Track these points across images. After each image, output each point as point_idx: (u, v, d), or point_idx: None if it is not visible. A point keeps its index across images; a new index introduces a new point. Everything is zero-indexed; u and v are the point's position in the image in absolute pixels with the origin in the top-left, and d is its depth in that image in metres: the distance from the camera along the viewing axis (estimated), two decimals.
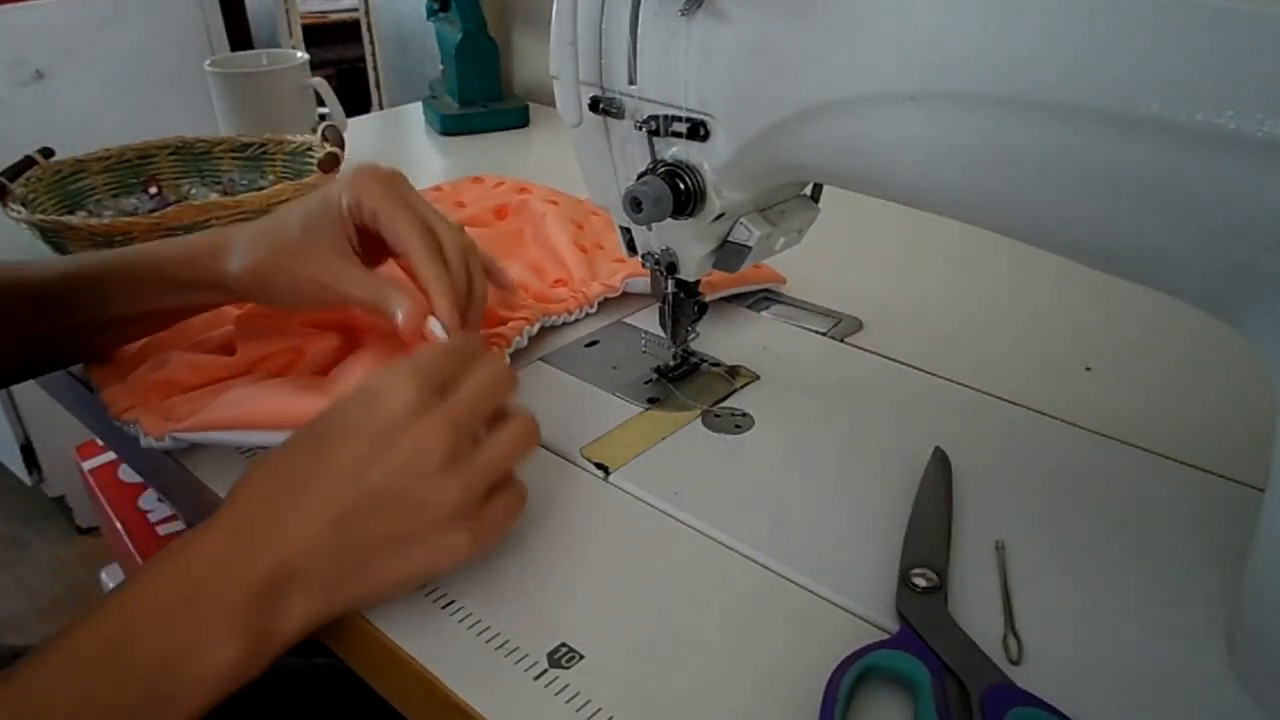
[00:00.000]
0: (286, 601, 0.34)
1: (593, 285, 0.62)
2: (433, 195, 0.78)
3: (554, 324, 0.58)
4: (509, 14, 1.13)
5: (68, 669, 0.31)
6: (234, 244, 0.48)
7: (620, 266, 0.64)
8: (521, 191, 0.77)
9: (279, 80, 0.89)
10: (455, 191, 0.79)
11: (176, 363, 0.50)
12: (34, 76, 1.39)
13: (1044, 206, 0.33)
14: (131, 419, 0.47)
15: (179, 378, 0.50)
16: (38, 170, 0.71)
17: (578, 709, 0.33)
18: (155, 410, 0.48)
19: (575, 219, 0.70)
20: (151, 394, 0.49)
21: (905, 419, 0.49)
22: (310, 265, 0.47)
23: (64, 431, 1.22)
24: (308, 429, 0.37)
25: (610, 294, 0.62)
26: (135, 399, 0.49)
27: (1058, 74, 0.30)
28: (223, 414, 0.46)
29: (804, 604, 0.38)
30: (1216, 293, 0.32)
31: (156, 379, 0.50)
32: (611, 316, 0.60)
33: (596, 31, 0.43)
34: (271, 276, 0.47)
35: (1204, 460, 0.45)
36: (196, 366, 0.50)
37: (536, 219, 0.69)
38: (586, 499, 0.44)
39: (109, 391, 0.50)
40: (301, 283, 0.47)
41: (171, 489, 0.51)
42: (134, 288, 0.49)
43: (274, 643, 0.34)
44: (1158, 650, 0.35)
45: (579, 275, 0.62)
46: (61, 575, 1.55)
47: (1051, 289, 0.64)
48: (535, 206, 0.71)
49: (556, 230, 0.67)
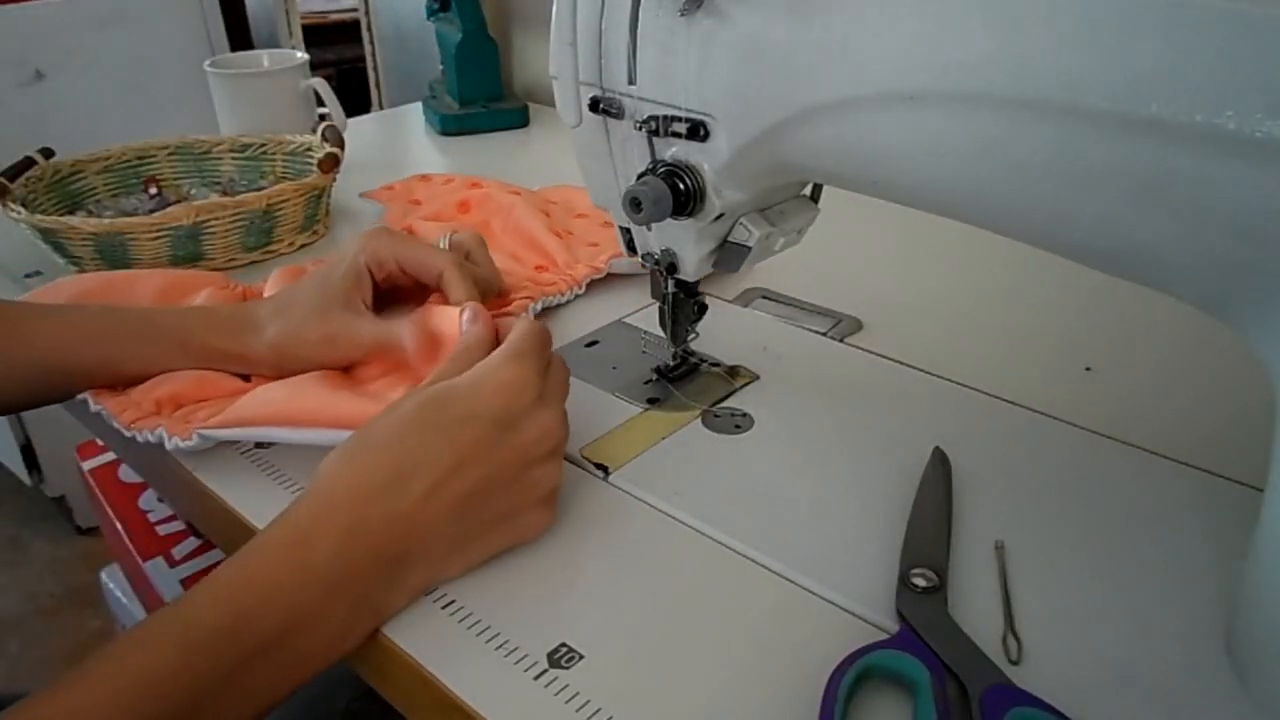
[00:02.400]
0: (402, 577, 0.36)
1: (578, 267, 0.63)
2: (385, 194, 0.78)
3: (551, 304, 0.60)
4: (509, 14, 1.13)
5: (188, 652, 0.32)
6: (258, 319, 0.50)
7: (596, 250, 0.65)
8: (473, 186, 0.77)
9: (279, 80, 0.89)
10: (407, 190, 0.79)
11: (187, 378, 0.49)
12: (34, 76, 1.39)
13: (1044, 207, 0.33)
14: (150, 427, 0.46)
15: (189, 391, 0.49)
16: (38, 170, 0.71)
17: (578, 709, 0.33)
18: (173, 419, 0.47)
19: (540, 208, 0.70)
20: (164, 406, 0.48)
21: (905, 419, 0.49)
22: (321, 328, 0.49)
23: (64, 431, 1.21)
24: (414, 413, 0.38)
25: (596, 275, 0.63)
26: (144, 410, 0.48)
27: (1058, 75, 0.30)
28: (253, 411, 0.45)
29: (804, 604, 0.38)
30: (1216, 293, 0.32)
31: (165, 393, 0.48)
32: (611, 316, 0.60)
33: (596, 32, 0.43)
34: (288, 349, 0.50)
35: (1204, 460, 0.45)
36: (211, 382, 0.49)
37: (504, 210, 0.70)
38: (586, 499, 0.44)
39: (112, 403, 0.48)
40: (314, 347, 0.50)
41: (171, 489, 0.51)
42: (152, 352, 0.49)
43: (383, 615, 0.37)
44: (1158, 650, 0.35)
45: (562, 259, 0.63)
46: (61, 575, 1.55)
47: (1051, 289, 0.64)
48: (500, 198, 0.72)
49: (529, 218, 0.68)
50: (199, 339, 0.49)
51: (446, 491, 0.37)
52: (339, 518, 0.35)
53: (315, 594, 0.34)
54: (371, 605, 0.36)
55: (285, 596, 0.34)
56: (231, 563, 0.34)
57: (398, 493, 0.36)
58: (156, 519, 0.93)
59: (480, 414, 0.38)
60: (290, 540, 0.35)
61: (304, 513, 0.36)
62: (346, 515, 0.35)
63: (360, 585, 0.35)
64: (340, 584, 0.35)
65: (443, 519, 0.37)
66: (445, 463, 0.37)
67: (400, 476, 0.36)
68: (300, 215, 0.70)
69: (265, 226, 0.68)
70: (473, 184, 0.77)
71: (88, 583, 1.49)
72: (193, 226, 0.64)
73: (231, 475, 0.46)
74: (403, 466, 0.36)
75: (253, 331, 0.50)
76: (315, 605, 0.34)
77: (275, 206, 0.67)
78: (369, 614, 0.36)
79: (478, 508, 0.37)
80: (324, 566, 0.34)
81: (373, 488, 0.36)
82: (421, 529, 0.36)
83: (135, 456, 0.57)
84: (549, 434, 0.39)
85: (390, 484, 0.36)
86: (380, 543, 0.35)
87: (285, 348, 0.49)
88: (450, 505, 0.37)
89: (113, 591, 1.06)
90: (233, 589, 0.34)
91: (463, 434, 0.37)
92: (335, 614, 0.35)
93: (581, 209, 0.73)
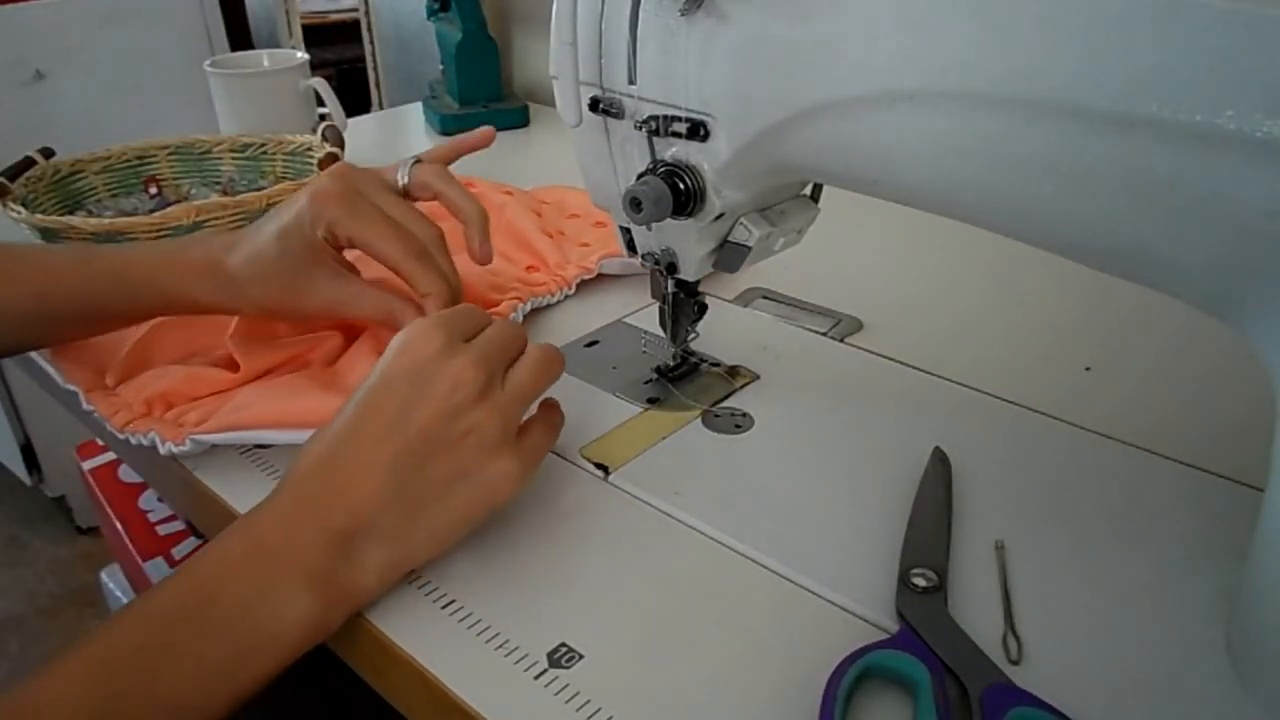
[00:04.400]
0: (357, 553, 0.37)
1: (569, 267, 0.63)
2: None
3: (540, 304, 0.60)
4: (509, 14, 1.13)
5: (146, 629, 0.33)
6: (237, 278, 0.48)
7: (587, 250, 0.65)
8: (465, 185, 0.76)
9: (279, 80, 0.89)
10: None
11: (177, 375, 0.49)
12: (34, 76, 1.39)
13: (1044, 206, 0.33)
14: (142, 430, 0.47)
15: (181, 389, 0.49)
16: (38, 170, 0.71)
17: (578, 709, 0.33)
18: (164, 421, 0.47)
19: (532, 208, 0.70)
20: (155, 406, 0.48)
21: (905, 419, 0.49)
22: (315, 298, 0.49)
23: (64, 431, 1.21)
24: (354, 395, 0.39)
25: (587, 275, 0.63)
26: (136, 412, 0.48)
27: (1058, 74, 0.30)
28: (244, 414, 0.45)
29: (804, 604, 0.38)
30: (1217, 293, 0.32)
31: (156, 392, 0.48)
32: (611, 316, 0.60)
33: (596, 31, 0.43)
34: (277, 312, 0.50)
35: (1204, 460, 0.45)
36: (200, 378, 0.49)
37: (496, 209, 0.70)
38: (586, 499, 0.44)
39: (104, 404, 0.49)
40: (311, 312, 0.50)
41: (171, 489, 0.51)
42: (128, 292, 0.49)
43: (351, 595, 0.37)
44: (1158, 650, 0.35)
45: (553, 259, 0.63)
46: (61, 575, 1.55)
47: (1051, 289, 0.64)
48: (492, 198, 0.72)
49: (521, 218, 0.68)
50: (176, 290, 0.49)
51: (375, 456, 0.37)
52: (284, 494, 0.37)
53: (267, 569, 0.35)
54: (337, 585, 0.36)
55: (238, 571, 0.35)
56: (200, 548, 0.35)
57: (333, 465, 0.37)
58: (156, 519, 0.93)
59: (400, 376, 0.39)
60: (244, 521, 0.37)
61: (267, 497, 0.38)
62: (291, 491, 0.37)
63: (311, 560, 0.36)
64: (290, 559, 0.35)
65: (380, 485, 0.37)
66: (368, 429, 0.38)
67: (334, 449, 0.38)
68: None
69: None
70: (464, 183, 0.77)
71: (88, 583, 1.49)
72: (193, 226, 0.64)
73: (231, 475, 0.46)
74: (339, 439, 0.38)
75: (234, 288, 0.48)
76: (269, 581, 0.35)
77: (275, 206, 0.67)
78: (338, 596, 0.36)
79: (415, 468, 0.37)
80: (272, 540, 0.36)
81: (313, 464, 0.38)
82: (362, 499, 0.37)
83: (135, 456, 0.57)
84: (461, 380, 0.38)
85: (327, 457, 0.38)
86: (324, 516, 0.36)
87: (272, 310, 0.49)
88: (383, 470, 0.37)
89: (113, 591, 1.06)
90: (192, 567, 0.35)
91: (384, 399, 0.38)
92: (294, 592, 0.35)
93: (574, 209, 0.73)
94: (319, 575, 0.36)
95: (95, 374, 0.51)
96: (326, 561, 0.36)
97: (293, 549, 0.36)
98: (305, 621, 0.35)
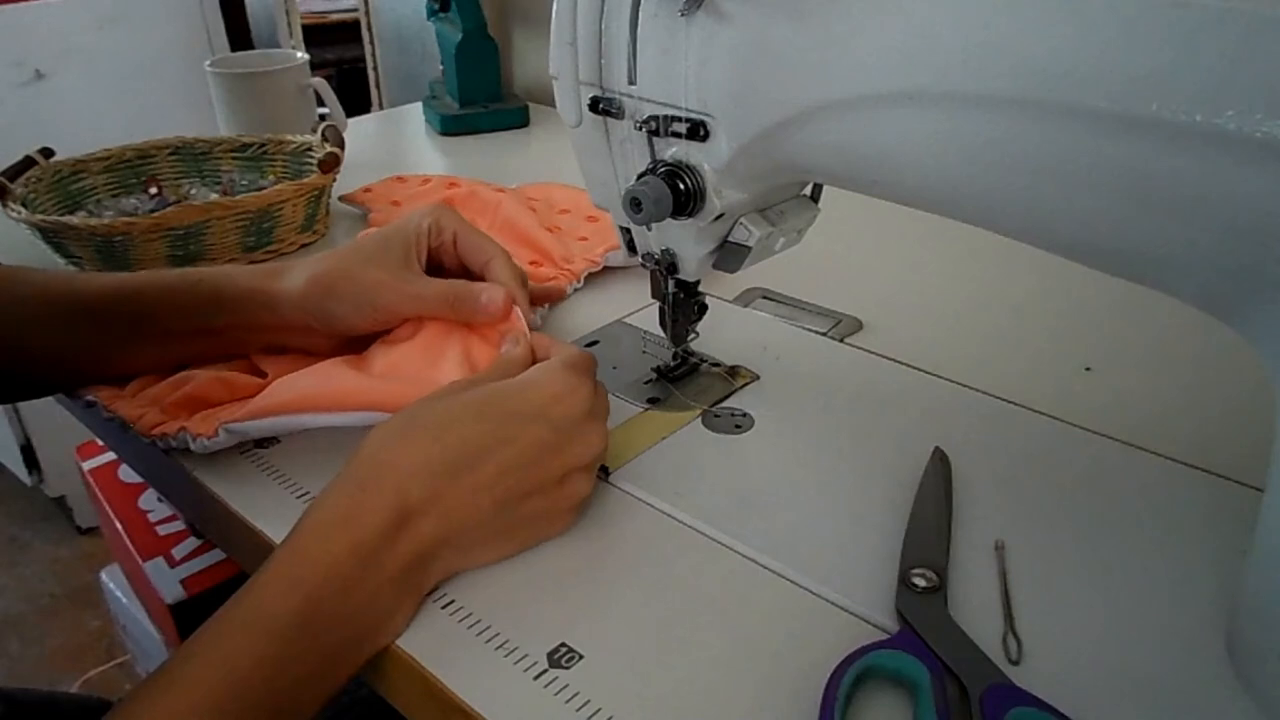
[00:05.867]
0: (437, 559, 0.37)
1: (576, 261, 0.63)
2: (364, 197, 0.78)
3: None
4: (509, 14, 1.13)
5: (267, 640, 0.33)
6: (294, 267, 0.50)
7: (587, 244, 0.65)
8: (451, 186, 0.77)
9: (279, 80, 0.88)
10: (387, 191, 0.79)
11: (202, 380, 0.48)
12: (34, 76, 1.39)
13: (1044, 207, 0.33)
14: (171, 431, 0.46)
15: (207, 394, 0.48)
16: (38, 170, 0.71)
17: (578, 709, 0.33)
18: (193, 420, 0.46)
19: (527, 205, 0.70)
20: (181, 410, 0.47)
21: (905, 419, 0.49)
22: (379, 271, 0.49)
23: (64, 431, 1.22)
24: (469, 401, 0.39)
25: (594, 268, 0.63)
26: (162, 415, 0.47)
27: (1058, 74, 0.30)
28: (277, 399, 0.45)
29: (804, 604, 0.38)
30: (1217, 293, 0.32)
31: (182, 396, 0.48)
32: (611, 316, 0.60)
33: (596, 31, 0.43)
34: (337, 284, 0.49)
35: (1204, 460, 0.45)
36: (226, 383, 0.49)
37: (491, 208, 0.70)
38: (587, 499, 0.44)
39: (124, 408, 0.48)
40: (368, 288, 0.49)
41: (171, 489, 0.51)
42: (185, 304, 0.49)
43: (420, 596, 0.38)
44: (1158, 650, 0.35)
45: (558, 254, 0.63)
46: (61, 575, 1.56)
47: (1052, 289, 0.64)
48: (486, 195, 0.72)
49: (520, 215, 0.68)
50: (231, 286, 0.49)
51: (497, 485, 0.38)
52: (387, 498, 0.36)
53: (371, 576, 0.35)
54: (412, 584, 0.37)
55: (342, 577, 0.34)
56: (286, 550, 0.35)
57: (447, 478, 0.37)
58: (156, 519, 0.93)
59: (540, 415, 0.39)
60: (341, 519, 0.36)
61: (351, 490, 0.37)
62: (394, 496, 0.36)
63: (404, 565, 0.36)
64: (386, 563, 0.35)
65: (485, 510, 0.38)
66: (499, 457, 0.38)
67: (451, 463, 0.37)
68: (300, 215, 0.70)
69: (265, 226, 0.68)
70: (450, 184, 0.77)
71: (88, 583, 1.49)
72: (193, 226, 0.64)
73: (232, 476, 0.46)
74: (455, 453, 0.37)
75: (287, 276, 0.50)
76: (372, 587, 0.35)
77: (275, 207, 0.67)
78: (411, 593, 0.37)
79: (517, 505, 0.38)
80: (373, 545, 0.35)
81: (419, 469, 0.37)
82: (464, 517, 0.37)
83: (136, 457, 0.57)
84: (592, 447, 0.40)
85: (440, 468, 0.37)
86: (424, 526, 0.36)
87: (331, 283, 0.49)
88: (495, 499, 0.38)
89: (113, 591, 1.06)
90: (297, 574, 0.34)
91: (523, 432, 0.38)
92: (390, 595, 0.36)
93: (563, 205, 0.74)
94: (407, 580, 0.36)
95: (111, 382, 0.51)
96: (416, 569, 0.37)
97: (391, 556, 0.36)
98: (395, 621, 0.36)
